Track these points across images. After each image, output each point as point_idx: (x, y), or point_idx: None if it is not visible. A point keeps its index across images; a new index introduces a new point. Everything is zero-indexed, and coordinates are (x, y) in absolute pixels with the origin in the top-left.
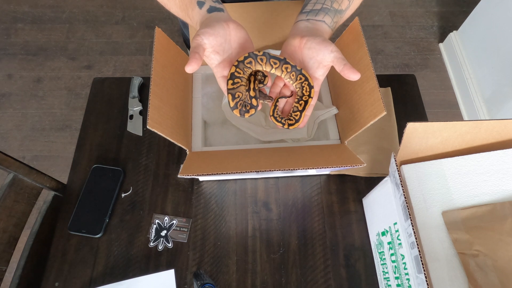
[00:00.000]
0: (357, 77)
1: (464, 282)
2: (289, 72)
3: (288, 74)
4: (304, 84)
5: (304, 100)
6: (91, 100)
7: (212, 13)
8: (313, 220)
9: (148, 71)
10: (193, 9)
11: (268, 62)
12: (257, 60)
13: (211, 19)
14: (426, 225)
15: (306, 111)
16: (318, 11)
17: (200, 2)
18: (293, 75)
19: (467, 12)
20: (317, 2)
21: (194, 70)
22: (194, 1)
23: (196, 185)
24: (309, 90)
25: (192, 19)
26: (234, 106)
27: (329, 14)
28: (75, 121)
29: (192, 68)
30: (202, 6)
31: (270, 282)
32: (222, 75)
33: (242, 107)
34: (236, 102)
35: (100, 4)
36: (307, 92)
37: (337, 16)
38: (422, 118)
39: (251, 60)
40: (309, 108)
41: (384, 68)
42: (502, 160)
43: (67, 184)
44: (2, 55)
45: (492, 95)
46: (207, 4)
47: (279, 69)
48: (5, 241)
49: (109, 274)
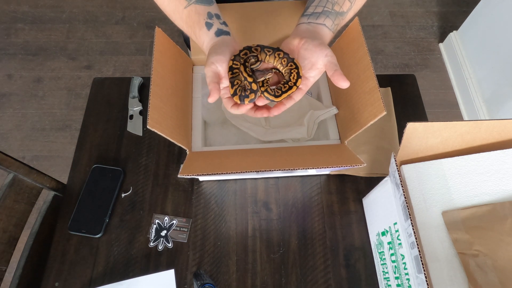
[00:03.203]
0: (346, 85)
1: (464, 282)
2: (281, 58)
3: (280, 59)
4: (293, 71)
5: (289, 85)
6: (91, 100)
7: (219, 36)
8: (313, 220)
9: (148, 71)
10: (201, 29)
11: (262, 51)
12: (251, 51)
13: (220, 44)
14: (426, 225)
15: (285, 96)
16: (319, 14)
17: (209, 24)
18: (284, 60)
19: (467, 12)
20: (318, 5)
21: (216, 99)
22: (202, 22)
23: (196, 185)
24: (296, 78)
25: (199, 38)
26: (233, 93)
27: (330, 17)
28: (75, 121)
29: (214, 98)
30: (210, 28)
31: (270, 282)
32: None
33: (241, 92)
34: (235, 89)
35: (100, 4)
36: (293, 79)
37: (338, 18)
38: (422, 118)
39: (246, 52)
40: (289, 101)
41: (384, 68)
42: (502, 160)
43: (67, 184)
44: (2, 55)
45: (492, 95)
46: (215, 27)
47: (272, 55)
48: (5, 241)
49: (109, 274)
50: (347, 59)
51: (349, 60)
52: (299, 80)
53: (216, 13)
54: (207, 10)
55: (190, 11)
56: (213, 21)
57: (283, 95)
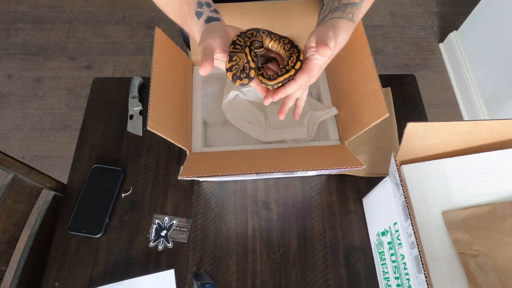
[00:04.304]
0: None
1: (464, 282)
2: (285, 43)
3: (284, 45)
4: (293, 55)
5: (286, 69)
6: (91, 100)
7: (209, 23)
8: (313, 220)
9: (148, 71)
10: (192, 19)
11: (269, 36)
12: (259, 33)
13: (209, 28)
14: (426, 225)
15: (281, 80)
16: (327, 15)
17: (199, 13)
18: (287, 46)
19: (467, 12)
20: (325, 10)
21: (208, 72)
22: (192, 11)
23: (196, 185)
24: (295, 61)
25: (190, 28)
26: (229, 68)
27: (338, 11)
28: (75, 121)
29: (206, 70)
30: (200, 17)
31: (270, 282)
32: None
33: (236, 72)
34: (232, 65)
35: (100, 4)
36: (292, 63)
37: (349, 7)
38: (422, 118)
39: (253, 32)
40: (292, 84)
41: (384, 68)
42: (502, 160)
43: (67, 184)
44: (2, 55)
45: (492, 95)
46: (205, 15)
47: (277, 41)
48: (5, 241)
49: (109, 274)
50: (349, 60)
51: (351, 61)
52: (298, 63)
53: (206, 2)
54: (197, 0)
55: (181, 2)
56: (203, 9)
57: (278, 79)
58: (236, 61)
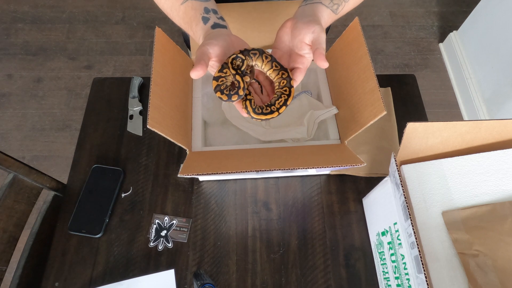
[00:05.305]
0: (325, 66)
1: (464, 282)
2: (284, 78)
3: (281, 80)
4: (283, 96)
5: (271, 109)
6: (91, 100)
7: (215, 29)
8: (313, 220)
9: (148, 71)
10: (197, 24)
11: (269, 63)
12: (261, 56)
13: (214, 34)
14: (426, 225)
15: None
16: None
17: (205, 18)
18: (283, 83)
19: (467, 12)
20: None
21: (199, 76)
22: (199, 16)
23: (196, 185)
24: (282, 104)
25: (195, 33)
26: (216, 78)
27: None
28: (75, 121)
29: (197, 73)
30: (207, 22)
31: (270, 282)
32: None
33: (222, 84)
34: (219, 75)
35: (100, 4)
36: (278, 105)
37: None
38: (422, 118)
39: (257, 52)
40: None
41: (384, 68)
42: (502, 160)
43: (67, 184)
44: (2, 55)
45: (492, 95)
46: (211, 21)
47: (276, 71)
48: (5, 241)
49: (109, 274)
50: (347, 59)
51: (349, 60)
52: (283, 108)
53: (213, 8)
54: (203, 6)
55: (186, 7)
56: (209, 15)
57: (260, 116)
58: (226, 74)
